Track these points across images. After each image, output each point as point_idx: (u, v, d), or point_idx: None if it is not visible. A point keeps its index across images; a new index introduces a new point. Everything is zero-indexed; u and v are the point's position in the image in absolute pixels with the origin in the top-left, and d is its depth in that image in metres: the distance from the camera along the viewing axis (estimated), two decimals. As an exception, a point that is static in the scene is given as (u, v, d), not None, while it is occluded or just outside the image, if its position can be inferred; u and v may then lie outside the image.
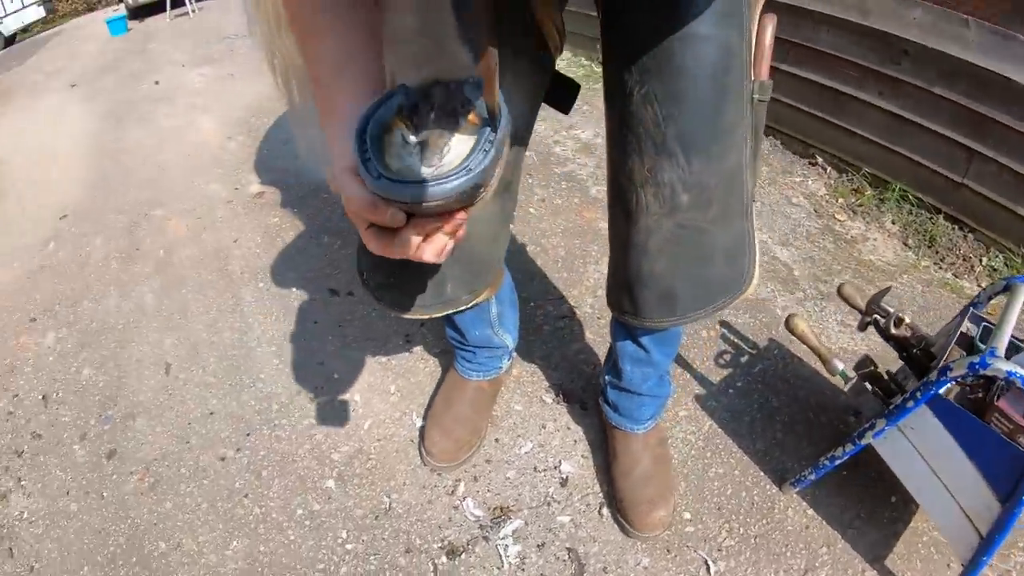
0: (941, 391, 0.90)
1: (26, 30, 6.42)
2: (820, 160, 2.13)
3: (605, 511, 1.21)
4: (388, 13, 0.56)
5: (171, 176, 2.58)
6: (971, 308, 1.07)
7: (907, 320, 1.08)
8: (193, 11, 4.95)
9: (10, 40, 5.92)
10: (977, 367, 0.84)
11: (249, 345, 1.66)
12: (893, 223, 1.88)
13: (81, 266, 2.10)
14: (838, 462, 1.09)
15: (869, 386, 1.07)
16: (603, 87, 0.80)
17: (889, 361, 1.22)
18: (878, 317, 1.11)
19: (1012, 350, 0.94)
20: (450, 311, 0.88)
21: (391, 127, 0.45)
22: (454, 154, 0.44)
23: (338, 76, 0.57)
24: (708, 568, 1.12)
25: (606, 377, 1.17)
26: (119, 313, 1.86)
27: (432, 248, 0.47)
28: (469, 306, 0.89)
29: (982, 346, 0.98)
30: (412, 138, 0.44)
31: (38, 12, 6.57)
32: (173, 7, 5.01)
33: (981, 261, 1.71)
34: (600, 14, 0.77)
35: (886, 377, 1.09)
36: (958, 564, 1.08)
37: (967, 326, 1.04)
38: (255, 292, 1.85)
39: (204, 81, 3.51)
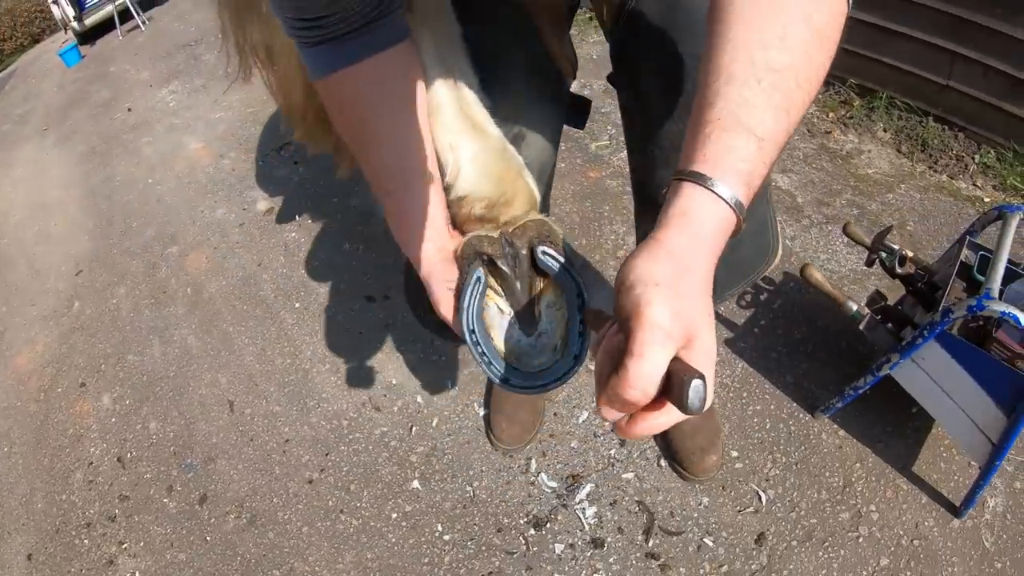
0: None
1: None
2: (806, 78, 2.14)
3: (663, 462, 1.36)
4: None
5: (173, 207, 2.57)
6: (967, 236, 1.16)
7: (910, 256, 1.18)
8: (144, 23, 4.71)
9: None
10: (975, 309, 0.94)
11: (303, 368, 1.77)
12: (885, 131, 1.93)
13: (113, 320, 2.12)
14: (861, 391, 1.22)
15: (882, 322, 1.18)
16: (619, 103, 0.85)
17: (896, 286, 1.32)
18: (884, 256, 1.20)
19: (1009, 277, 1.03)
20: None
21: (485, 304, 0.56)
22: (546, 319, 0.55)
23: (405, 186, 0.64)
24: (760, 498, 1.27)
25: None
26: (166, 361, 1.91)
27: None
28: None
29: (980, 277, 1.08)
30: (506, 310, 0.54)
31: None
32: (122, 23, 4.77)
33: (974, 159, 1.77)
34: (610, 39, 0.81)
35: (896, 309, 1.20)
36: (974, 462, 1.23)
37: (965, 254, 1.14)
38: (294, 314, 1.93)
39: (176, 99, 3.41)
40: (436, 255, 0.65)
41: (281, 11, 0.57)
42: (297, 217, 2.28)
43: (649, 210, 0.88)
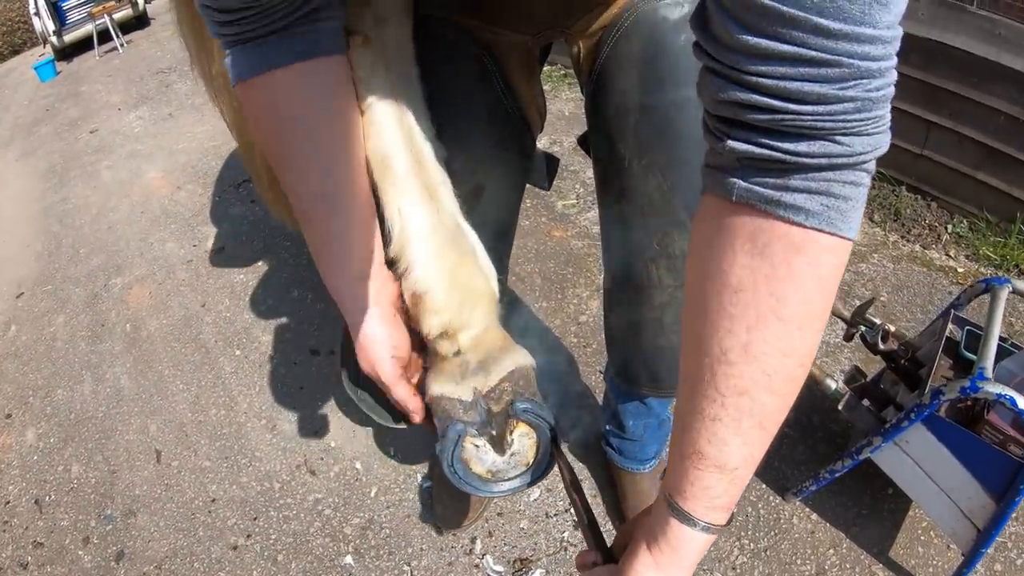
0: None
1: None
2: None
3: (621, 547, 1.24)
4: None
5: (124, 236, 2.47)
6: (952, 310, 1.10)
7: (892, 331, 1.11)
8: (122, 45, 4.69)
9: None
10: (968, 391, 0.87)
11: (238, 421, 1.63)
12: (858, 197, 1.91)
13: (48, 349, 2.02)
14: (837, 475, 1.13)
15: (864, 402, 1.10)
16: (593, 161, 0.79)
17: (873, 359, 1.25)
18: (864, 330, 1.13)
19: (999, 354, 0.96)
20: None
21: (458, 443, 0.60)
22: (518, 444, 0.61)
23: (329, 216, 0.59)
24: (727, 588, 1.16)
25: (607, 427, 1.18)
26: (96, 400, 1.80)
27: None
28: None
29: (968, 355, 1.01)
30: (481, 444, 0.60)
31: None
32: (100, 43, 4.74)
33: (947, 228, 1.75)
34: (585, 90, 0.75)
35: (877, 387, 1.13)
36: (956, 549, 1.14)
37: (951, 329, 1.07)
38: (233, 362, 1.80)
39: (142, 124, 3.35)
40: (374, 314, 0.61)
41: (203, 5, 0.51)
42: (248, 259, 2.19)
43: (623, 282, 0.81)
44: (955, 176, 1.70)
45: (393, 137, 0.62)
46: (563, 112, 2.59)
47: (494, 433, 0.61)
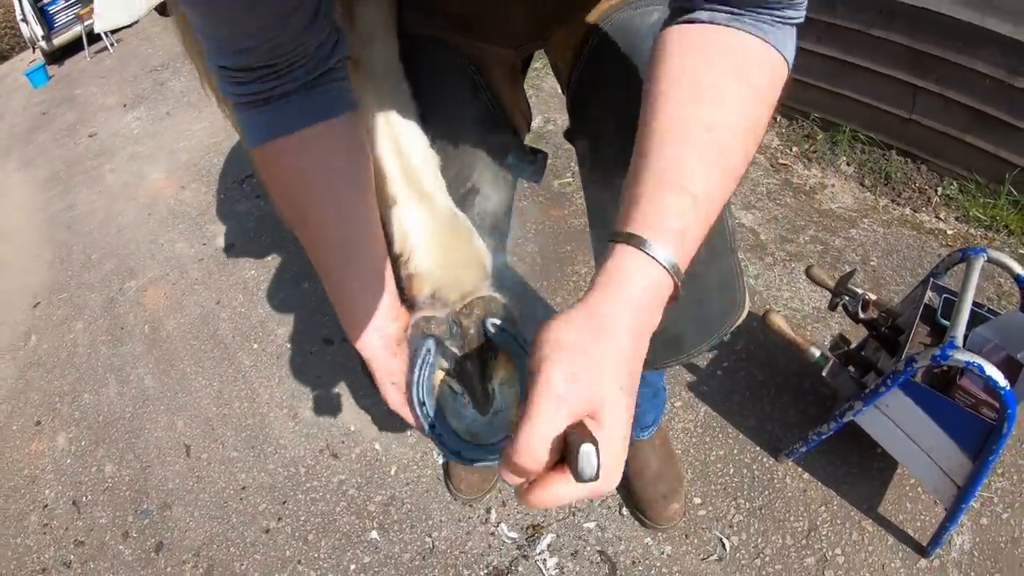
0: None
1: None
2: (771, 109, 2.15)
3: (625, 511, 1.32)
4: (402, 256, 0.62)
5: (133, 239, 2.52)
6: (931, 278, 1.15)
7: (873, 299, 1.16)
8: (112, 44, 4.65)
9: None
10: (939, 359, 0.93)
11: (261, 412, 1.72)
12: (848, 165, 1.94)
13: (70, 356, 2.09)
14: (824, 436, 1.20)
15: (845, 367, 1.17)
16: (576, 155, 0.83)
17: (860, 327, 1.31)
18: (846, 300, 1.19)
19: (973, 320, 1.02)
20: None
21: (438, 385, 0.54)
22: (500, 398, 0.53)
23: (346, 264, 0.60)
24: (724, 545, 1.24)
25: None
26: (122, 401, 1.88)
27: None
28: None
29: (944, 322, 1.07)
30: (458, 390, 0.53)
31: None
32: (90, 44, 4.71)
33: (936, 191, 1.78)
34: (566, 95, 0.79)
35: (859, 354, 1.19)
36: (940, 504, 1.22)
37: (929, 296, 1.13)
38: (252, 355, 1.88)
39: (141, 125, 3.36)
40: (379, 343, 0.60)
41: (217, 58, 0.51)
42: (257, 254, 2.24)
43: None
44: (944, 139, 1.73)
45: (388, 153, 0.65)
46: (555, 89, 2.60)
47: (470, 366, 0.55)
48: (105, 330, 2.15)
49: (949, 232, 1.72)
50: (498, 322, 0.56)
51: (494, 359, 0.57)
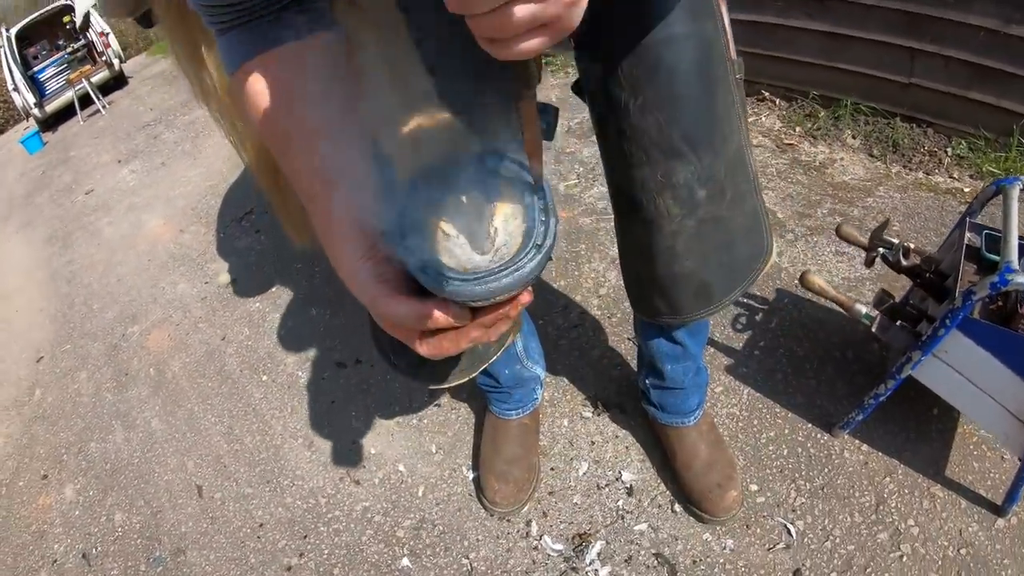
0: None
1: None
2: (767, 94, 2.15)
3: (677, 507, 1.22)
4: (380, 86, 0.57)
5: (135, 286, 2.48)
6: (967, 218, 1.09)
7: (913, 247, 1.10)
8: (104, 107, 4.74)
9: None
10: (999, 285, 0.86)
11: (275, 444, 1.62)
12: (853, 137, 1.91)
13: (75, 406, 2.02)
14: (882, 399, 1.12)
15: (896, 322, 1.10)
16: (590, 108, 0.79)
17: (896, 282, 1.25)
18: (884, 251, 1.13)
19: (1022, 251, 0.96)
20: (485, 366, 0.87)
21: (424, 225, 0.42)
22: (504, 233, 0.41)
23: (334, 185, 0.53)
24: (789, 531, 1.14)
25: (646, 381, 1.17)
26: (130, 447, 1.80)
27: (496, 331, 0.44)
28: (499, 354, 0.89)
29: (990, 256, 1.00)
30: (453, 231, 0.41)
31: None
32: (83, 108, 4.79)
33: (947, 152, 1.75)
34: (573, 39, 0.75)
35: (906, 306, 1.12)
36: (1010, 456, 1.14)
37: (969, 236, 1.07)
38: (261, 387, 1.80)
39: (136, 177, 3.37)
40: (370, 277, 0.52)
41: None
42: (260, 286, 2.19)
43: (631, 216, 0.81)
44: (947, 99, 1.70)
45: (391, 94, 0.62)
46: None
47: (465, 200, 0.43)
48: (109, 377, 2.08)
49: (966, 190, 1.68)
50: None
51: (496, 200, 0.45)
